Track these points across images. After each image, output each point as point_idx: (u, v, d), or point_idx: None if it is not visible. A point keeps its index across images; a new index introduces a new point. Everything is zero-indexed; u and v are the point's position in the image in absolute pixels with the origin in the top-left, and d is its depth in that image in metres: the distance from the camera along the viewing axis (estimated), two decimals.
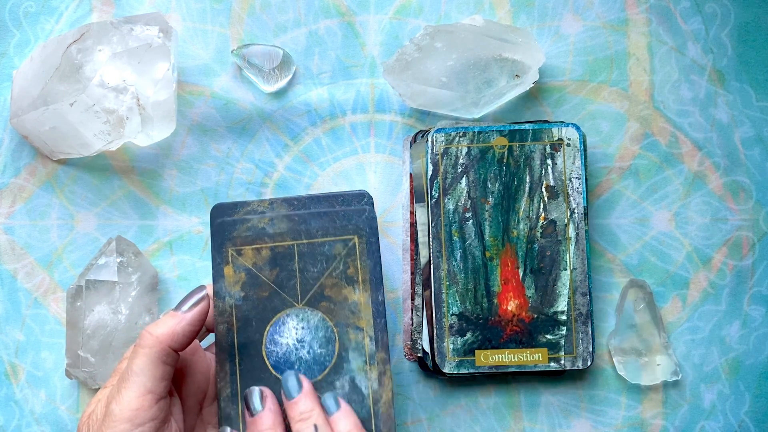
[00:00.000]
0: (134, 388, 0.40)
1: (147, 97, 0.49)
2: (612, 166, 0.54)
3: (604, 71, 0.54)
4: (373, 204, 0.46)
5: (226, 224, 0.46)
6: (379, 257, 0.46)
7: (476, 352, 0.50)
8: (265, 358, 0.45)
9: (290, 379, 0.43)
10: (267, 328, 0.45)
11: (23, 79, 0.51)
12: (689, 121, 0.54)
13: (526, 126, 0.51)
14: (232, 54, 0.54)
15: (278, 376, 0.45)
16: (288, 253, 0.45)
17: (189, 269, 0.54)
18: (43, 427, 0.53)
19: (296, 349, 0.45)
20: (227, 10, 0.55)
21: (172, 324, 0.42)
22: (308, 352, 0.45)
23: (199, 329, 0.43)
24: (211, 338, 0.50)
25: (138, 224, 0.54)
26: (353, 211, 0.46)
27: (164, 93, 0.50)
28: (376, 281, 0.46)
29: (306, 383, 0.43)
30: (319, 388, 0.45)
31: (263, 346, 0.45)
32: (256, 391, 0.43)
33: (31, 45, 0.54)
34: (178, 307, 0.43)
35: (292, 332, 0.45)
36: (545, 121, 0.52)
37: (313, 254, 0.45)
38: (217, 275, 0.45)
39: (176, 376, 0.45)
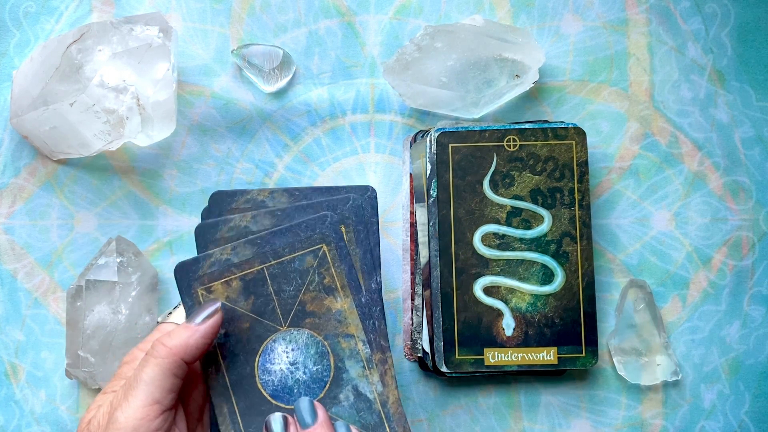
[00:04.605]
0: (142, 397, 0.40)
1: (147, 97, 0.49)
2: (612, 166, 0.54)
3: (604, 71, 0.55)
4: (375, 197, 0.45)
5: (188, 265, 0.43)
6: (351, 260, 0.44)
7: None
8: (262, 390, 0.43)
9: (304, 405, 0.42)
10: (256, 359, 0.44)
11: (23, 79, 0.51)
12: (689, 121, 0.54)
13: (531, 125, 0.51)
14: (232, 54, 0.54)
15: (279, 404, 0.43)
16: (259, 278, 0.44)
17: None
18: (43, 427, 0.53)
19: (291, 372, 0.44)
20: (227, 10, 0.55)
21: (185, 336, 0.41)
22: (304, 373, 0.44)
23: (211, 342, 0.43)
24: None
25: (138, 224, 0.54)
26: (315, 221, 0.44)
27: (164, 93, 0.50)
28: (355, 284, 0.44)
29: (321, 412, 0.42)
30: (323, 405, 0.43)
31: (257, 379, 0.43)
32: (278, 419, 0.42)
33: (31, 45, 0.54)
34: (190, 319, 0.42)
35: (283, 357, 0.44)
36: (545, 121, 0.52)
37: (285, 273, 0.44)
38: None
39: None
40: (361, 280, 0.44)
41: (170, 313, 0.46)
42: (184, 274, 0.43)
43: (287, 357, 0.44)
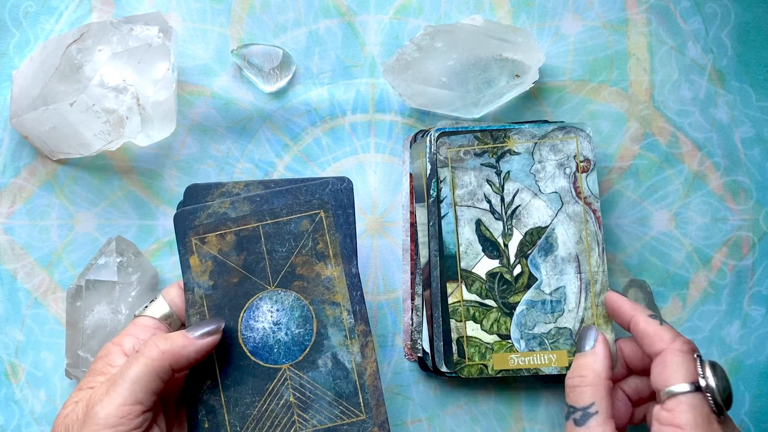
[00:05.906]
0: (125, 395, 0.39)
1: (147, 97, 0.49)
2: (612, 166, 0.54)
3: (604, 71, 0.55)
4: (351, 187, 0.45)
5: (186, 213, 0.45)
6: (351, 230, 0.45)
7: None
8: (243, 345, 0.44)
9: (590, 333, 0.46)
10: (241, 315, 0.44)
11: (23, 79, 0.51)
12: (689, 121, 0.54)
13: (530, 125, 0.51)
14: (232, 54, 0.54)
15: (257, 361, 0.44)
16: (253, 235, 0.45)
17: None
18: (43, 427, 0.53)
19: (273, 332, 0.44)
20: (227, 10, 0.55)
21: (180, 344, 0.41)
22: (286, 334, 0.44)
23: (202, 358, 0.43)
24: None
25: (138, 224, 0.54)
26: (317, 185, 0.45)
27: (164, 93, 0.50)
28: (347, 254, 0.45)
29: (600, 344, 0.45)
30: (300, 368, 0.44)
31: (239, 333, 0.44)
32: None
33: (31, 45, 0.54)
34: (191, 330, 0.42)
35: (267, 315, 0.44)
36: (545, 121, 0.52)
37: (279, 234, 0.45)
38: (184, 266, 0.45)
39: None
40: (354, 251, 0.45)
41: (146, 306, 0.46)
42: (182, 222, 0.45)
43: (271, 316, 0.45)
